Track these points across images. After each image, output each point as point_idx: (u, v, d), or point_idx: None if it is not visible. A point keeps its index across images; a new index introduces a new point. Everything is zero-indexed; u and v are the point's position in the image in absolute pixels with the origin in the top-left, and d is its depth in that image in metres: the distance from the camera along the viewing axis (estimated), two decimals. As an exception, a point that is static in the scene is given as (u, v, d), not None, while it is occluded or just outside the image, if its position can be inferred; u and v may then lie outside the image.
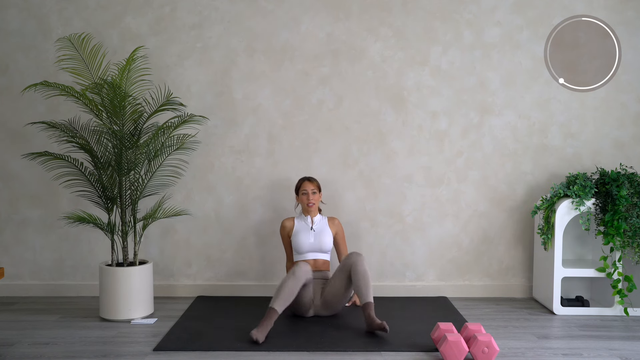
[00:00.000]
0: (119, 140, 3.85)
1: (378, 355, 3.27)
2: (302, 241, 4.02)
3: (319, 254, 4.04)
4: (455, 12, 4.42)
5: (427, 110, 4.46)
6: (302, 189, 4.09)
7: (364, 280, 3.63)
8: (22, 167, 4.43)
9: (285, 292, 3.54)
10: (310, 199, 4.05)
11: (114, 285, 3.86)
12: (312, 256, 4.03)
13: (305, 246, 4.01)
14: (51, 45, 4.36)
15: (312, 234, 4.04)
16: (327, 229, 4.08)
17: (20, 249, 4.48)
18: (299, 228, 4.09)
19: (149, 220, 4.08)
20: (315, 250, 4.03)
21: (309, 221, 4.10)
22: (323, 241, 4.02)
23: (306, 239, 4.02)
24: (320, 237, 4.02)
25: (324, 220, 4.12)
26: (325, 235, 4.04)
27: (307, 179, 4.11)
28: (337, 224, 4.14)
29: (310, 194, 4.06)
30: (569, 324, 3.88)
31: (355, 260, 3.70)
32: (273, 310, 3.49)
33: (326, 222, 4.12)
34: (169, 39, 4.41)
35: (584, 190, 4.03)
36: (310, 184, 4.08)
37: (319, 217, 4.13)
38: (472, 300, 4.42)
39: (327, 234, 4.05)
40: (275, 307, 3.50)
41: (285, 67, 4.43)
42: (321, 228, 4.07)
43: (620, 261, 3.99)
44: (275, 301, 3.52)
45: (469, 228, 4.52)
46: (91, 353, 3.29)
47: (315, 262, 4.02)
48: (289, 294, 3.54)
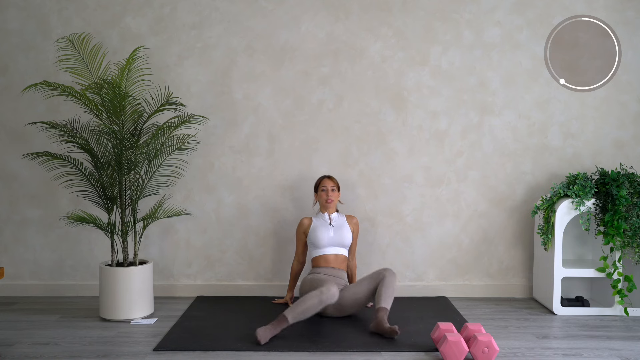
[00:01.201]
0: (119, 140, 3.85)
1: (378, 355, 3.27)
2: (321, 235, 4.02)
3: (340, 249, 4.04)
4: (455, 12, 4.42)
5: (427, 110, 4.46)
6: (322, 185, 4.12)
7: (389, 290, 3.67)
8: (22, 167, 4.43)
9: (304, 309, 3.47)
10: (329, 195, 4.08)
11: (114, 285, 3.86)
12: (333, 250, 4.03)
13: (325, 240, 4.02)
14: (51, 45, 4.36)
15: (331, 229, 4.06)
16: (347, 225, 4.11)
17: (20, 249, 4.49)
18: (317, 224, 4.11)
19: (149, 220, 4.08)
20: (335, 245, 4.03)
21: (327, 218, 4.12)
22: (343, 235, 4.04)
23: (325, 233, 4.03)
24: (340, 231, 4.05)
25: (342, 217, 4.16)
26: (345, 231, 4.06)
27: (326, 177, 4.16)
28: (355, 223, 4.18)
29: (330, 190, 4.10)
30: (569, 324, 3.88)
31: (388, 274, 3.74)
32: (284, 319, 3.44)
33: (345, 219, 4.15)
34: (169, 39, 4.41)
35: (584, 190, 4.03)
36: (329, 181, 4.13)
37: (336, 215, 4.15)
38: (472, 300, 4.42)
39: (347, 230, 4.08)
40: (288, 317, 3.44)
41: (285, 67, 4.43)
42: (340, 224, 4.10)
43: (620, 261, 3.99)
44: (291, 312, 3.46)
45: (469, 228, 4.52)
46: (91, 353, 3.29)
47: (336, 257, 4.02)
48: (307, 312, 3.48)
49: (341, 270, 4.02)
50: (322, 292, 3.50)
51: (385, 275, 3.73)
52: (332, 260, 4.01)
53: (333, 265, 4.00)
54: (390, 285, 3.67)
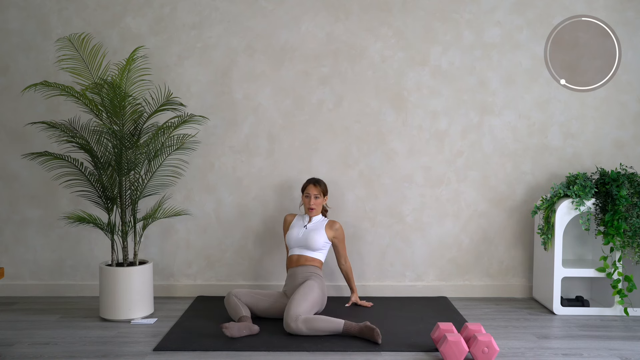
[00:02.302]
0: (119, 140, 3.85)
1: (378, 355, 3.27)
2: (291, 236, 4.06)
3: (305, 251, 4.03)
4: (455, 12, 4.42)
5: (427, 110, 4.46)
6: (306, 191, 4.10)
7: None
8: (22, 167, 4.43)
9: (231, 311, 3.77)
10: (311, 203, 4.07)
11: (114, 285, 3.86)
12: (297, 252, 4.04)
13: (292, 241, 4.05)
14: (51, 45, 4.36)
15: (302, 230, 4.05)
16: (321, 230, 4.05)
17: (20, 249, 4.49)
18: (295, 224, 4.13)
19: (149, 220, 4.08)
20: (300, 246, 4.03)
21: (306, 220, 4.12)
22: (310, 238, 4.00)
23: (296, 234, 4.05)
24: (309, 235, 4.01)
25: (322, 222, 4.11)
26: (315, 235, 4.01)
27: (312, 182, 4.10)
28: (337, 229, 4.09)
29: (313, 197, 4.07)
30: (569, 324, 3.88)
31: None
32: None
33: (324, 224, 4.09)
34: (169, 39, 4.41)
35: (584, 190, 4.03)
36: (314, 188, 4.08)
37: (318, 218, 4.13)
38: (472, 300, 4.42)
39: (317, 234, 4.02)
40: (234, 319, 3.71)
41: (285, 67, 4.43)
42: (314, 227, 4.06)
43: (620, 261, 3.99)
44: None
45: (469, 228, 4.52)
46: (91, 353, 3.29)
47: (299, 257, 4.03)
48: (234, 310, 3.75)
49: (304, 266, 3.97)
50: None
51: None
52: (294, 261, 4.03)
53: (294, 265, 4.02)
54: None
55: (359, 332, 3.46)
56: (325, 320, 3.51)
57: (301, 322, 3.49)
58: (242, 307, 3.72)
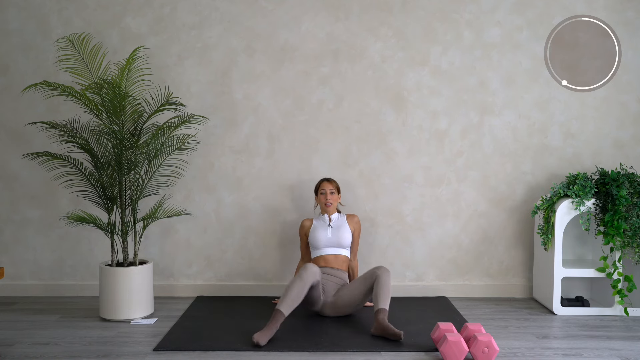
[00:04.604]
0: (119, 140, 3.85)
1: (378, 355, 3.27)
2: (319, 236, 4.04)
3: (339, 249, 4.03)
4: (455, 12, 4.42)
5: (427, 110, 4.46)
6: (321, 188, 4.12)
7: (385, 290, 3.63)
8: (22, 167, 4.43)
9: (293, 295, 3.51)
10: (328, 199, 4.08)
11: (114, 285, 3.86)
12: (332, 251, 4.03)
13: (323, 241, 4.02)
14: (51, 45, 4.36)
15: (329, 229, 4.06)
16: (346, 225, 4.10)
17: (20, 249, 4.48)
18: (317, 225, 4.12)
19: (149, 220, 4.08)
20: (333, 245, 4.03)
21: (327, 219, 4.12)
22: (341, 236, 4.02)
23: (324, 234, 4.04)
24: (338, 232, 4.04)
25: (342, 218, 4.15)
26: (344, 231, 4.05)
27: (326, 180, 4.15)
28: (357, 222, 4.16)
29: (329, 193, 4.09)
30: (569, 324, 3.88)
31: (382, 273, 3.70)
32: (279, 313, 3.46)
33: (345, 219, 4.14)
34: (169, 39, 4.41)
35: (584, 190, 4.03)
36: (328, 184, 4.12)
37: (337, 215, 4.15)
38: (472, 300, 4.42)
39: (345, 230, 4.06)
40: (282, 309, 3.47)
41: (285, 67, 4.43)
42: (339, 224, 4.09)
43: (620, 261, 3.99)
44: (281, 303, 3.49)
45: (469, 228, 4.52)
46: (91, 353, 3.29)
47: (335, 257, 4.02)
48: (296, 297, 3.51)
49: (340, 271, 4.01)
50: (300, 274, 3.56)
51: (379, 274, 3.69)
52: (331, 261, 4.01)
53: (332, 266, 4.00)
54: (386, 285, 3.65)
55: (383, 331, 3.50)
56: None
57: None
58: (297, 301, 3.57)
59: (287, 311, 3.48)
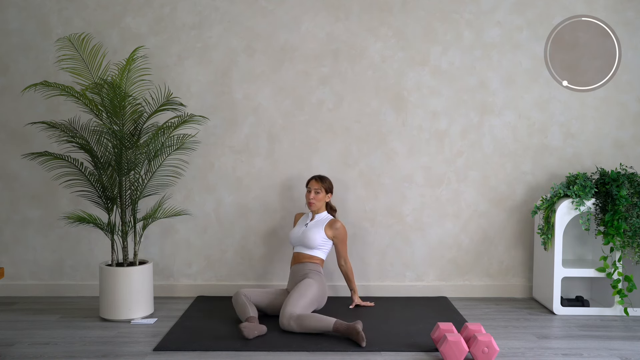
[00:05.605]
0: (119, 140, 3.85)
1: (378, 355, 3.27)
2: (292, 233, 4.13)
3: (302, 249, 4.06)
4: (455, 12, 4.42)
5: (427, 110, 4.46)
6: (309, 186, 4.13)
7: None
8: (22, 167, 4.43)
9: (239, 306, 3.76)
10: (310, 197, 4.07)
11: (114, 285, 3.86)
12: (297, 249, 4.09)
13: (293, 238, 4.10)
14: (51, 45, 4.36)
15: (302, 228, 4.08)
16: (320, 229, 4.05)
17: (20, 249, 4.48)
18: (300, 222, 4.19)
19: (149, 220, 4.08)
20: (298, 244, 4.07)
21: (309, 218, 4.13)
22: (307, 237, 4.01)
23: (297, 231, 4.10)
24: (308, 233, 4.03)
25: (323, 221, 4.11)
26: (313, 233, 4.02)
27: (315, 178, 4.13)
28: (337, 228, 4.07)
29: (313, 192, 4.08)
30: (569, 324, 3.88)
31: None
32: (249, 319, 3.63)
33: (324, 223, 4.09)
34: (169, 39, 4.41)
35: (584, 190, 4.03)
36: (315, 183, 4.10)
37: (322, 216, 4.13)
38: (472, 300, 4.42)
39: (315, 233, 4.02)
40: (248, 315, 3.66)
41: (285, 67, 4.43)
42: (314, 225, 4.08)
43: (620, 261, 3.99)
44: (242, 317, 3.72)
45: (469, 228, 4.52)
46: (91, 353, 3.29)
47: (298, 255, 4.06)
48: (242, 304, 3.74)
49: (302, 264, 3.99)
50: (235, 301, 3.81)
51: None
52: (296, 258, 4.07)
53: (296, 263, 4.05)
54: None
55: (346, 331, 3.44)
56: (316, 320, 3.51)
57: (293, 321, 3.53)
58: (249, 306, 3.71)
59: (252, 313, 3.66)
